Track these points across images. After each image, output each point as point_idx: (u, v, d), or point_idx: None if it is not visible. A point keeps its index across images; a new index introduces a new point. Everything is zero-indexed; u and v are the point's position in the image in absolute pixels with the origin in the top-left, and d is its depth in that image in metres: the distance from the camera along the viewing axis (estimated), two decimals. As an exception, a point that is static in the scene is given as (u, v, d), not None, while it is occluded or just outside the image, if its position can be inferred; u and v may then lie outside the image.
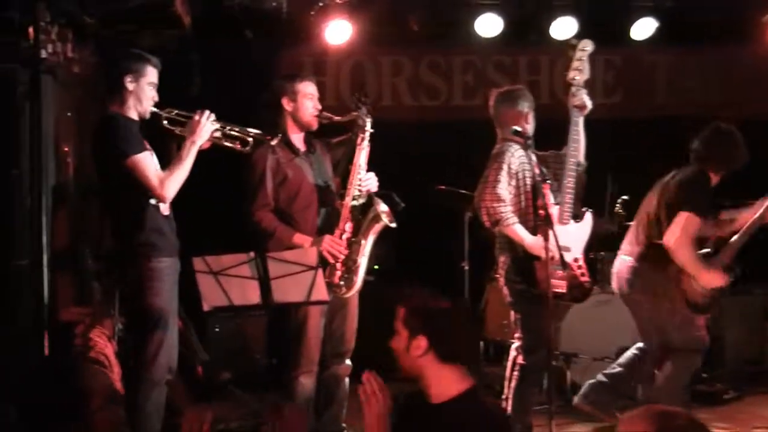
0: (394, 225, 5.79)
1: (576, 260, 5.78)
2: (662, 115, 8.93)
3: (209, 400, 6.90)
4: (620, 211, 7.23)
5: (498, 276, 5.93)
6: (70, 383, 2.78)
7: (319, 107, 5.82)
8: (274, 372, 5.92)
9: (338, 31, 7.83)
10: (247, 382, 7.06)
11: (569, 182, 5.76)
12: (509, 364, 5.92)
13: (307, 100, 5.77)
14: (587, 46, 5.88)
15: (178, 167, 5.09)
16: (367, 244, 5.73)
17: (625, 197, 7.22)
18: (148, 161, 5.04)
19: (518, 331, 5.81)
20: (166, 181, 5.04)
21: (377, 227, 5.74)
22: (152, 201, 5.10)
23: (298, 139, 5.84)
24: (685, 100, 9.12)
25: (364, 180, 5.76)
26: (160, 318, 5.05)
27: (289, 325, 5.69)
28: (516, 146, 5.75)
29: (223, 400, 6.92)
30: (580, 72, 5.83)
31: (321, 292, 5.08)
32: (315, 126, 5.84)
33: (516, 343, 5.85)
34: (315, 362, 5.74)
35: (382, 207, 5.74)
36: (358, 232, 5.71)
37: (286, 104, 5.77)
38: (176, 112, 5.23)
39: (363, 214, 5.75)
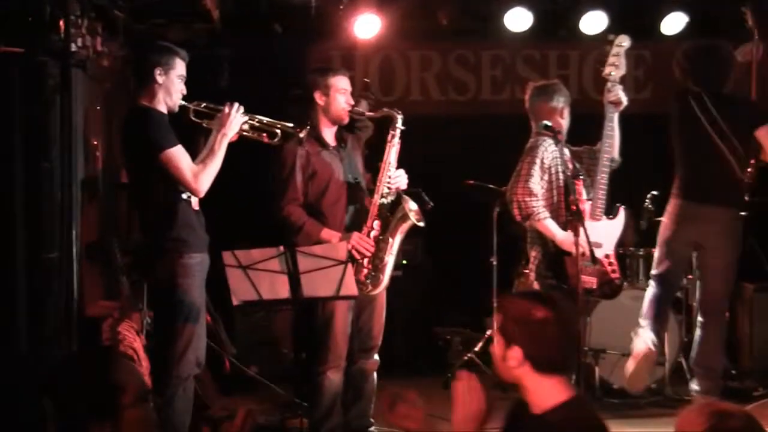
0: (422, 224, 5.76)
1: (607, 256, 5.75)
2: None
3: (237, 393, 6.93)
4: (650, 206, 7.17)
5: (528, 271, 5.90)
6: (104, 377, 2.76)
7: (352, 102, 5.81)
8: (301, 367, 5.91)
9: (367, 26, 7.81)
10: (274, 377, 7.06)
11: (602, 178, 5.74)
12: None
13: (339, 95, 5.74)
14: (624, 41, 5.84)
15: (210, 160, 5.06)
16: (394, 243, 5.71)
17: (654, 192, 7.16)
18: (182, 155, 5.00)
19: None
20: (200, 175, 5.01)
21: (405, 226, 5.72)
22: (184, 195, 5.06)
23: (329, 133, 5.82)
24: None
25: (394, 177, 5.73)
26: (190, 313, 5.03)
27: (316, 320, 5.68)
28: (549, 141, 5.73)
29: (251, 394, 6.93)
30: (616, 67, 5.78)
31: (350, 287, 5.09)
32: (346, 120, 5.83)
33: None
34: (342, 357, 5.74)
35: (411, 206, 5.72)
36: (386, 230, 5.69)
37: (318, 98, 5.75)
38: (205, 104, 5.21)
39: (392, 211, 5.72)
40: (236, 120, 5.11)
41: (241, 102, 5.22)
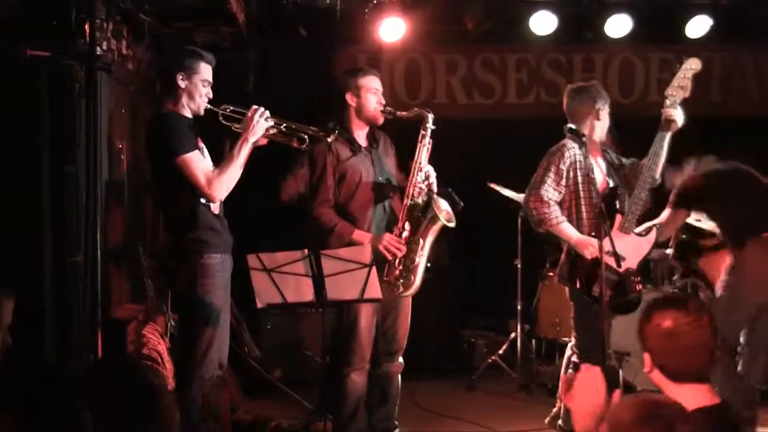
0: (452, 225, 5.75)
1: (628, 270, 5.67)
2: (717, 115, 8.81)
3: (262, 396, 6.95)
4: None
5: (552, 274, 5.89)
6: (143, 381, 2.77)
7: (383, 102, 5.78)
8: (325, 369, 5.91)
9: (392, 29, 7.82)
10: (299, 380, 7.08)
11: (641, 194, 5.64)
12: (564, 362, 5.89)
13: (370, 95, 5.73)
14: (695, 64, 5.76)
15: (228, 166, 5.05)
16: (425, 244, 5.70)
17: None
18: (197, 160, 5.00)
19: (574, 330, 5.78)
20: (215, 181, 5.00)
21: (436, 227, 5.71)
22: (203, 200, 5.05)
23: (361, 134, 5.82)
24: (740, 99, 9.00)
25: (423, 179, 5.72)
26: (211, 314, 5.03)
27: (341, 322, 5.69)
28: (572, 144, 5.69)
29: (276, 398, 6.94)
30: (681, 89, 5.71)
31: (374, 290, 5.10)
32: (380, 121, 5.79)
33: (572, 341, 5.82)
34: (366, 359, 5.74)
35: (442, 206, 5.71)
36: (417, 232, 5.68)
37: (350, 99, 5.74)
38: (231, 108, 5.20)
39: (423, 212, 5.71)
40: (260, 125, 5.09)
41: (267, 105, 5.21)
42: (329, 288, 5.05)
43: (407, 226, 5.66)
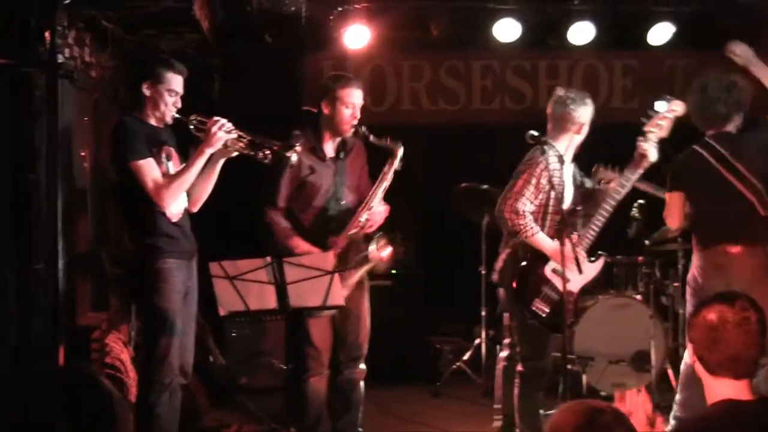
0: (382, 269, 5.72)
1: (570, 293, 5.66)
2: (680, 121, 8.86)
3: (228, 404, 6.94)
4: (636, 215, 7.18)
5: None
6: (98, 391, 2.76)
7: (358, 116, 5.68)
8: (287, 376, 5.92)
9: (357, 36, 7.83)
10: (264, 387, 7.08)
11: (599, 219, 5.62)
12: (499, 368, 5.95)
13: (345, 108, 5.63)
14: (679, 107, 5.75)
15: (180, 175, 5.11)
16: (351, 278, 5.66)
17: (641, 201, 7.17)
18: (147, 167, 5.06)
19: (512, 336, 5.81)
20: (163, 189, 5.06)
21: (364, 268, 5.69)
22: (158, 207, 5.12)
23: (330, 143, 5.77)
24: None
25: (372, 213, 5.69)
26: (166, 319, 5.09)
27: (295, 328, 5.69)
28: (552, 154, 5.58)
29: (241, 406, 6.93)
30: (660, 128, 5.70)
31: (337, 297, 5.10)
32: (347, 135, 5.71)
33: (505, 352, 5.87)
34: (324, 364, 5.75)
35: (377, 251, 5.67)
36: (344, 260, 5.63)
37: (324, 107, 5.68)
38: (197, 118, 5.20)
39: (367, 241, 5.69)
40: (217, 137, 5.09)
41: (232, 112, 5.22)
42: (292, 295, 5.05)
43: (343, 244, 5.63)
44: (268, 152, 5.21)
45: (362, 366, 5.91)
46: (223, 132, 5.10)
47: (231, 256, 5.04)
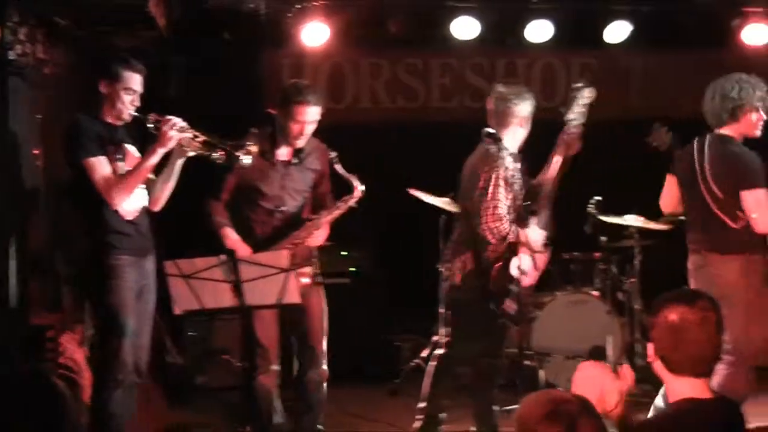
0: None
1: (531, 287, 5.70)
2: (637, 119, 8.92)
3: (185, 404, 6.90)
4: (593, 211, 7.23)
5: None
6: (56, 391, 2.73)
7: (307, 133, 5.63)
8: (242, 374, 5.91)
9: (316, 34, 7.81)
10: (221, 386, 7.05)
11: (544, 210, 5.68)
12: (432, 366, 6.02)
13: (295, 124, 5.59)
14: (590, 93, 5.77)
15: (131, 173, 5.12)
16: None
17: (598, 198, 7.22)
18: (98, 165, 5.05)
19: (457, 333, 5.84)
20: (114, 187, 5.07)
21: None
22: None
23: (286, 147, 5.72)
24: (659, 103, 9.12)
25: (312, 238, 5.70)
26: (118, 315, 5.08)
27: (247, 327, 5.68)
28: (505, 151, 5.61)
29: (199, 405, 6.90)
30: (579, 115, 5.72)
31: (293, 295, 5.09)
32: (297, 146, 5.68)
33: (440, 351, 5.92)
34: (271, 362, 5.71)
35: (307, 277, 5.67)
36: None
37: (279, 114, 5.65)
38: (153, 116, 5.17)
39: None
40: (169, 136, 5.07)
41: (190, 111, 5.20)
42: (248, 293, 5.03)
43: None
44: (222, 152, 5.19)
45: (324, 367, 5.87)
46: (176, 131, 5.08)
47: (197, 255, 5.03)
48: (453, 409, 6.08)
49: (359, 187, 5.72)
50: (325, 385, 5.92)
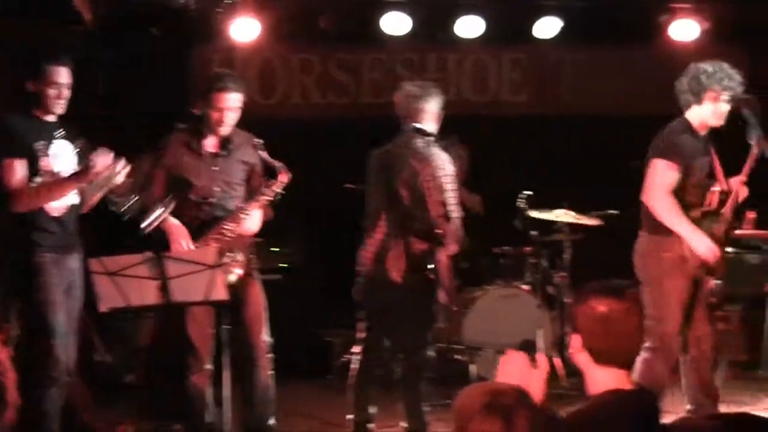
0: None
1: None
2: (567, 114, 9.01)
3: (113, 402, 6.83)
4: (523, 206, 7.28)
5: None
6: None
7: (228, 122, 5.61)
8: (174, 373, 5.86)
9: (246, 29, 7.77)
10: (151, 384, 6.98)
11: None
12: (354, 369, 6.09)
13: (216, 112, 5.58)
14: None
15: (44, 190, 5.11)
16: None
17: (528, 192, 7.27)
18: (9, 168, 5.04)
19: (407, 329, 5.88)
20: (23, 197, 5.07)
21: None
22: None
23: (213, 139, 5.69)
24: (590, 98, 9.20)
25: (240, 226, 5.65)
26: (47, 312, 5.07)
27: (171, 325, 5.65)
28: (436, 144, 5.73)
29: (128, 403, 6.84)
30: None
31: (220, 292, 5.06)
32: (221, 134, 5.66)
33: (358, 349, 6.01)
34: (204, 362, 5.69)
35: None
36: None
37: (203, 104, 5.62)
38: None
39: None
40: (93, 174, 5.08)
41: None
42: (174, 290, 4.98)
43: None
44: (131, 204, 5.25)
45: (268, 356, 5.84)
46: (113, 176, 5.11)
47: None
48: (384, 404, 6.09)
49: (284, 174, 5.69)
50: (270, 376, 5.88)
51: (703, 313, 5.61)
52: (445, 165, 5.70)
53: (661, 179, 5.46)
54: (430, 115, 5.80)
